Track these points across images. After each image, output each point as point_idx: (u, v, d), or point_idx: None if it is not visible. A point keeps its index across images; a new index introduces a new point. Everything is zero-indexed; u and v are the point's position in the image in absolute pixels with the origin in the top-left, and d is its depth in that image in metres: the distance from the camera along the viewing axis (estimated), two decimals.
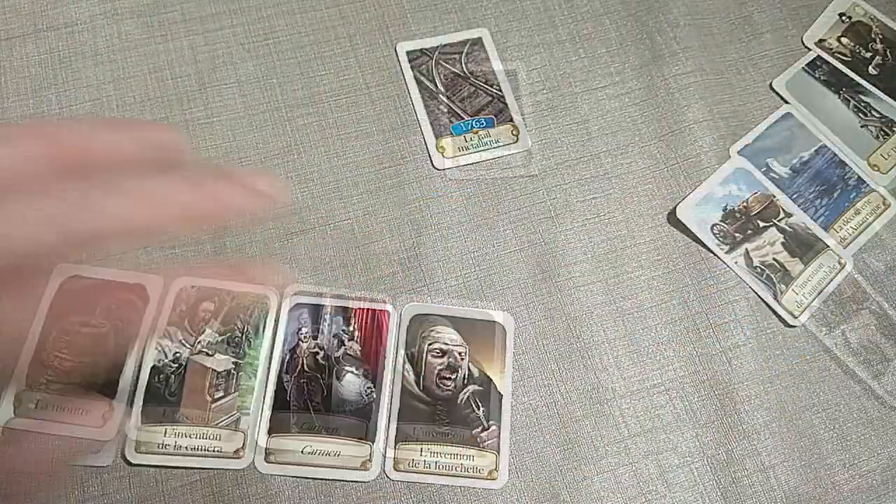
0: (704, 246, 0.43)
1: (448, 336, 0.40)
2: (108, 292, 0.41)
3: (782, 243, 0.43)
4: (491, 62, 0.47)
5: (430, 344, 0.40)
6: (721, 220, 0.43)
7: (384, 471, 0.38)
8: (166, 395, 0.39)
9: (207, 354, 0.40)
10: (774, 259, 0.42)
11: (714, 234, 0.42)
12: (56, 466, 0.33)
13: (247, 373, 0.39)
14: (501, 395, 0.39)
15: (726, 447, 0.40)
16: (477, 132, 0.45)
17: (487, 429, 0.38)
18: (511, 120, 0.45)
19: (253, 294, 0.41)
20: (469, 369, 0.39)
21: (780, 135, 0.46)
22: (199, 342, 0.40)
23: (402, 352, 0.40)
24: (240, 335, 0.40)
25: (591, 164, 0.46)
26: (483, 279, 0.43)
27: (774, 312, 0.42)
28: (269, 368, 0.39)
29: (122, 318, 0.40)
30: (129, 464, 0.37)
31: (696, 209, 0.43)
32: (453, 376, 0.39)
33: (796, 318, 0.41)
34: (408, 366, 0.39)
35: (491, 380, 0.39)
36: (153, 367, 0.39)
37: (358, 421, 0.38)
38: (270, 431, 0.38)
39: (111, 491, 0.37)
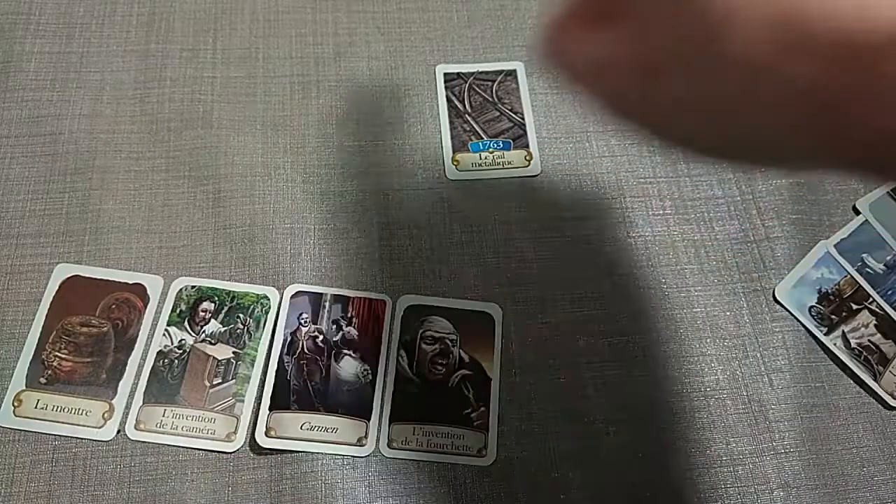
0: (805, 328, 0.44)
1: (440, 325, 0.42)
2: (108, 292, 0.42)
3: (875, 325, 0.43)
4: (520, 93, 0.50)
5: (423, 332, 0.42)
6: (817, 303, 0.44)
7: (379, 447, 0.39)
8: (168, 378, 0.40)
9: (210, 343, 0.41)
10: (870, 341, 0.43)
11: (812, 316, 0.44)
12: None
13: (245, 362, 0.41)
14: (490, 379, 0.41)
15: (753, 459, 0.41)
16: (493, 152, 0.47)
17: (477, 409, 0.40)
18: (527, 146, 0.48)
19: (253, 294, 0.41)
20: (460, 355, 0.41)
21: (872, 232, 0.46)
22: (203, 331, 0.41)
23: (396, 338, 0.41)
24: (242, 328, 0.41)
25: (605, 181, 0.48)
26: (484, 275, 0.44)
27: (875, 394, 0.42)
28: (268, 357, 0.40)
29: (122, 317, 0.41)
30: (129, 440, 0.38)
31: (794, 291, 0.45)
32: (445, 361, 0.41)
33: None
34: (402, 352, 0.41)
35: (481, 365, 0.41)
36: (159, 352, 0.40)
37: (355, 400, 0.40)
38: (271, 408, 0.39)
39: (110, 465, 0.38)
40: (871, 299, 0.44)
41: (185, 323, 0.41)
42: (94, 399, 0.39)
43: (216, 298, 0.42)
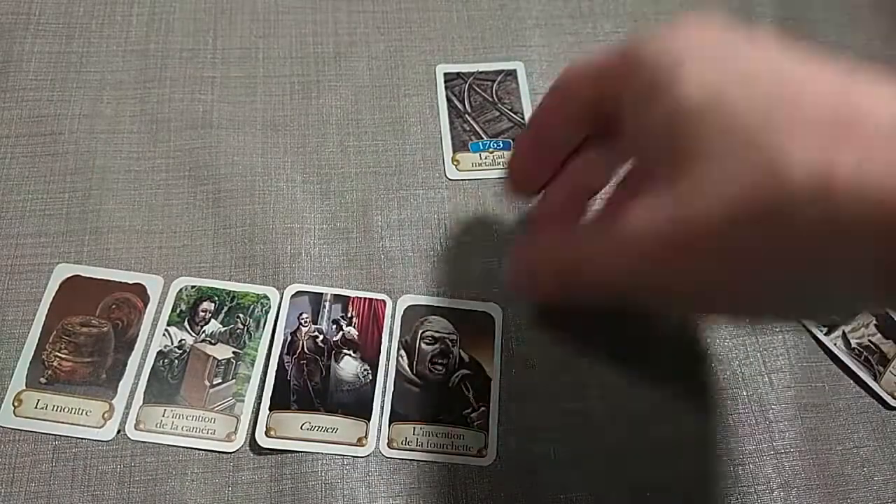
0: (805, 328, 0.44)
1: (440, 325, 0.42)
2: (108, 292, 0.42)
3: (875, 325, 0.43)
4: (520, 93, 0.50)
5: (423, 332, 0.42)
6: None
7: (379, 447, 0.39)
8: (168, 378, 0.40)
9: (210, 343, 0.41)
10: (870, 341, 0.43)
11: None
12: None
13: (245, 362, 0.40)
14: (490, 379, 0.41)
15: (753, 459, 0.41)
16: (492, 152, 0.47)
17: (477, 409, 0.40)
18: None
19: (253, 294, 0.41)
20: (460, 355, 0.41)
21: None
22: (203, 331, 0.41)
23: (396, 338, 0.41)
24: (242, 328, 0.41)
25: None
26: (484, 275, 0.44)
27: (875, 394, 0.42)
28: (268, 357, 0.40)
29: (123, 317, 0.41)
30: (129, 440, 0.38)
31: None
32: (445, 361, 0.41)
33: None
34: (402, 352, 0.41)
35: (481, 365, 0.41)
36: (159, 352, 0.40)
37: (355, 400, 0.40)
38: (271, 408, 0.39)
39: (110, 465, 0.38)
40: None
41: (185, 323, 0.41)
42: (94, 399, 0.39)
43: (216, 298, 0.42)
